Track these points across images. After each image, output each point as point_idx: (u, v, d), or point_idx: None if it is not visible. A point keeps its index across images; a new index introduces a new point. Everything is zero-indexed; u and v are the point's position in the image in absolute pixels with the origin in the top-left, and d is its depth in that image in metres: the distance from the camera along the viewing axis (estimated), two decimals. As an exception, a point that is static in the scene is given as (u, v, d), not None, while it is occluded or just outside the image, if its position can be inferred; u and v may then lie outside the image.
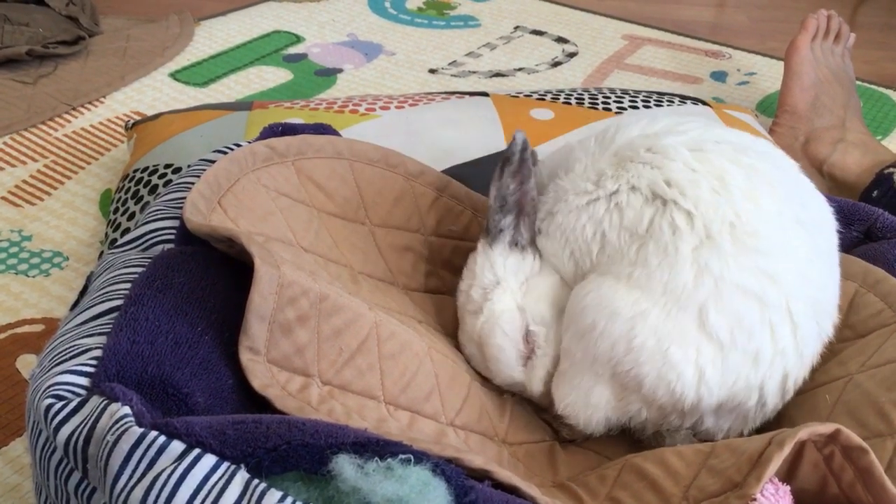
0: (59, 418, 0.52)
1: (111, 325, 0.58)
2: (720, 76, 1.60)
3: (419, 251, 0.82)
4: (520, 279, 0.72)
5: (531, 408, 0.76)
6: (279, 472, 0.49)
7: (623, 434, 0.72)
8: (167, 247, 0.69)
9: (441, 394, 0.68)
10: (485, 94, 1.17)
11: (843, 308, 0.74)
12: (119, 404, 0.51)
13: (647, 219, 0.66)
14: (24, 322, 0.96)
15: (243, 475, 0.48)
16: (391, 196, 0.82)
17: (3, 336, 0.94)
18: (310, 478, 0.49)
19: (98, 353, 0.56)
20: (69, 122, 1.32)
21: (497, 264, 0.72)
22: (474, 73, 1.55)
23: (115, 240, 0.97)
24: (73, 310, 0.66)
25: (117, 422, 0.50)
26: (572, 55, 1.64)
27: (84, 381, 0.54)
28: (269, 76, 1.49)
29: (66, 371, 0.55)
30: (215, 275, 0.64)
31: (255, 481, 0.48)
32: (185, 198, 0.68)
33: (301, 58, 1.56)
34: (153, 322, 0.58)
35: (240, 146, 0.80)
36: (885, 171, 1.15)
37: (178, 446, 0.49)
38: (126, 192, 1.03)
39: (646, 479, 0.60)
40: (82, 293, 0.69)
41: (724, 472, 0.56)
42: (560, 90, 1.22)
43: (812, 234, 0.67)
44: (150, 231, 0.72)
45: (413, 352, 0.67)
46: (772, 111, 1.42)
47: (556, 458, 0.72)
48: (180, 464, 0.48)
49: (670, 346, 0.64)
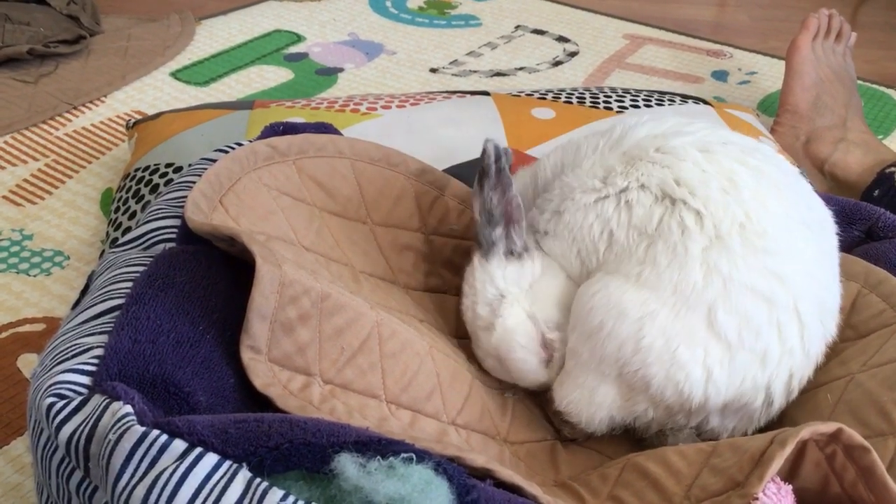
0: (60, 417, 0.52)
1: (113, 324, 0.58)
2: (721, 75, 1.59)
3: (420, 250, 0.82)
4: (523, 287, 0.72)
5: (533, 405, 0.76)
6: (281, 471, 0.49)
7: (625, 433, 0.72)
8: (168, 246, 0.69)
9: (442, 393, 0.67)
10: (486, 94, 1.17)
11: (846, 308, 0.74)
12: (121, 403, 0.51)
13: (657, 218, 0.66)
14: (26, 321, 0.96)
15: (245, 474, 0.48)
16: (392, 195, 0.82)
17: (4, 335, 0.94)
18: (312, 477, 0.49)
19: (100, 351, 0.56)
20: (70, 121, 1.32)
21: (497, 277, 0.71)
22: (475, 72, 1.55)
23: (117, 239, 0.97)
24: (74, 309, 0.66)
25: (119, 421, 0.50)
26: (573, 54, 1.64)
27: (86, 379, 0.54)
28: (270, 75, 1.49)
29: (67, 370, 0.55)
30: (217, 274, 0.64)
31: (257, 480, 0.48)
32: (186, 197, 0.68)
33: (302, 57, 1.56)
34: (155, 321, 0.58)
35: (241, 145, 0.80)
36: (887, 171, 1.15)
37: (179, 445, 0.49)
38: (127, 192, 1.03)
39: (647, 479, 0.60)
40: (83, 292, 0.69)
41: (726, 472, 0.56)
42: (561, 89, 1.22)
43: (816, 235, 0.68)
44: (152, 230, 0.72)
45: (414, 351, 0.67)
46: (773, 110, 1.41)
47: (557, 457, 0.72)
48: (182, 463, 0.48)
49: (679, 347, 0.63)
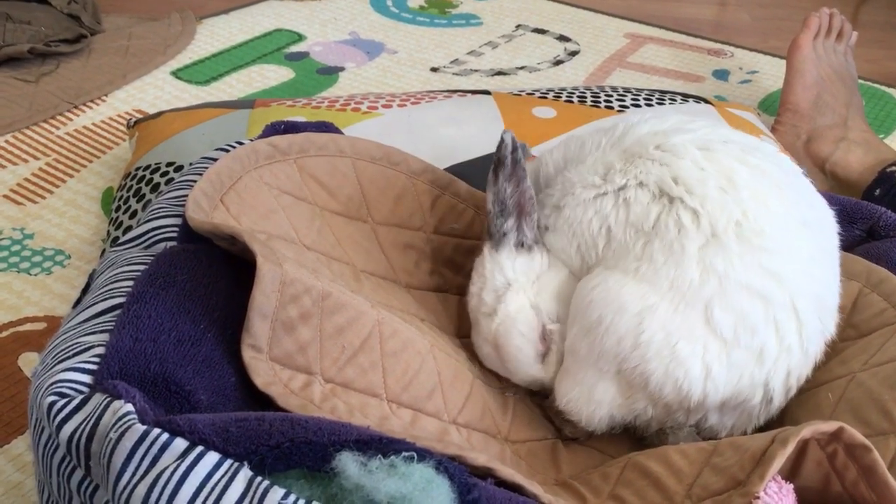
0: (61, 416, 0.52)
1: (114, 323, 0.58)
2: (722, 74, 1.59)
3: (421, 249, 0.82)
4: (531, 277, 0.72)
5: (534, 405, 0.76)
6: (282, 470, 0.48)
7: (626, 432, 0.72)
8: (170, 244, 0.69)
9: (443, 392, 0.67)
10: (487, 93, 1.17)
11: (847, 307, 0.74)
12: (122, 402, 0.51)
13: (654, 216, 0.66)
14: (27, 320, 0.96)
15: (246, 473, 0.48)
16: (393, 194, 0.82)
17: (5, 334, 0.94)
18: (313, 475, 0.48)
19: (101, 350, 0.56)
20: (71, 120, 1.32)
21: (506, 267, 0.72)
22: (476, 71, 1.55)
23: (117, 238, 0.97)
24: (75, 307, 0.66)
25: (120, 419, 0.50)
26: (574, 53, 1.64)
27: (87, 378, 0.54)
28: (271, 74, 1.49)
29: (68, 368, 0.55)
30: (218, 272, 0.64)
31: (258, 479, 0.48)
32: (187, 195, 0.68)
33: (303, 56, 1.56)
34: (156, 320, 0.58)
35: (242, 144, 0.80)
36: (888, 170, 1.15)
37: (180, 444, 0.49)
38: (128, 191, 1.03)
39: (649, 477, 0.60)
40: (84, 291, 0.69)
41: (727, 470, 0.56)
42: (562, 88, 1.22)
43: (816, 234, 0.68)
44: (153, 229, 0.72)
45: (415, 350, 0.67)
46: (774, 110, 1.41)
47: (558, 456, 0.72)
48: (183, 461, 0.48)
49: (679, 342, 0.64)
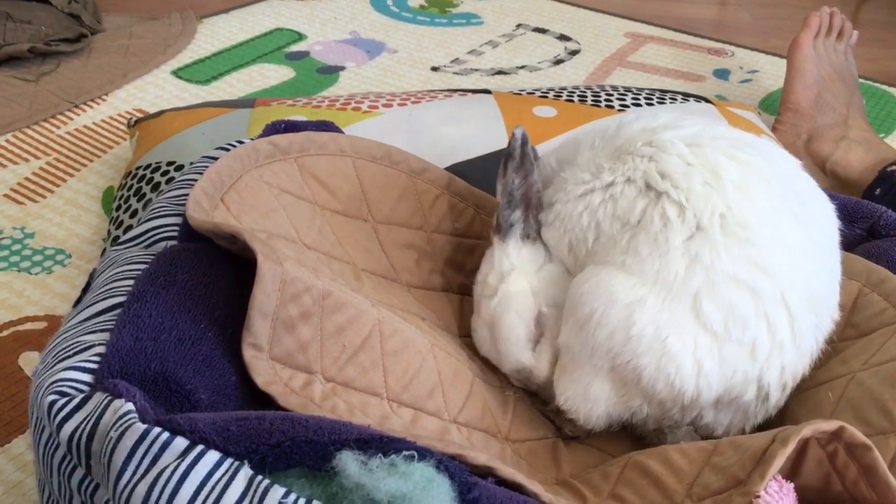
0: (62, 415, 0.52)
1: (114, 322, 0.58)
2: (723, 74, 1.59)
3: (422, 248, 0.82)
4: (535, 266, 0.74)
5: (534, 404, 0.76)
6: (283, 469, 0.48)
7: (626, 431, 0.72)
8: (170, 244, 0.69)
9: (444, 391, 0.67)
10: (487, 92, 1.17)
11: (847, 307, 0.74)
12: (122, 401, 0.51)
13: (640, 209, 0.67)
14: (27, 319, 0.96)
15: (247, 472, 0.48)
16: (394, 193, 0.82)
17: (5, 333, 0.94)
18: (313, 474, 0.48)
19: (101, 349, 0.56)
20: (71, 119, 1.32)
21: (513, 255, 0.74)
22: (476, 70, 1.55)
23: (118, 237, 0.98)
24: (75, 307, 0.66)
25: (120, 418, 0.50)
26: (575, 53, 1.64)
27: (87, 377, 0.54)
28: (272, 74, 1.49)
29: (69, 367, 0.55)
30: (218, 271, 0.64)
31: (259, 478, 0.48)
32: (187, 195, 0.68)
33: (303, 55, 1.56)
34: (156, 319, 0.58)
35: (242, 143, 0.80)
36: (889, 169, 1.15)
37: (181, 443, 0.49)
38: (128, 190, 1.03)
39: (649, 477, 0.60)
40: (85, 290, 0.69)
41: (727, 470, 0.56)
42: (563, 88, 1.22)
43: (808, 229, 0.67)
44: (153, 228, 0.72)
45: (416, 349, 0.67)
46: (774, 109, 1.41)
47: (559, 455, 0.72)
48: (184, 460, 0.48)
49: (669, 336, 0.64)
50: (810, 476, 0.57)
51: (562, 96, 1.18)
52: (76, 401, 0.53)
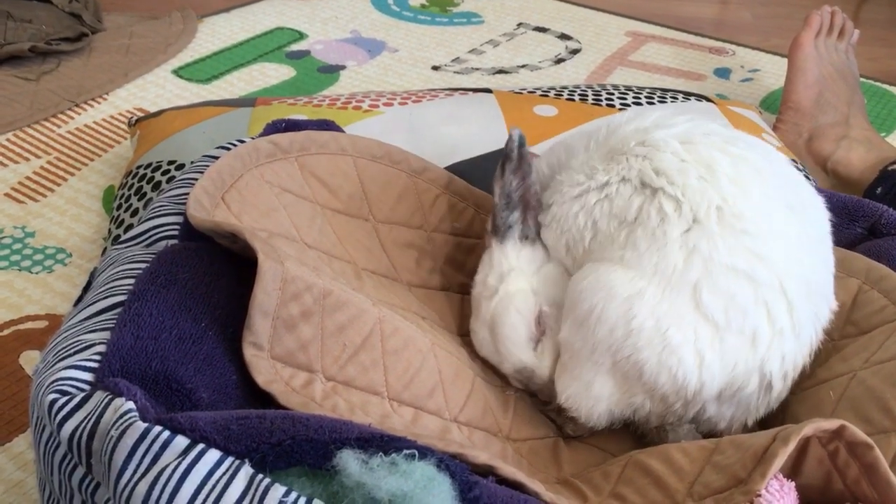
0: (62, 413, 0.52)
1: (115, 321, 0.58)
2: (724, 73, 1.59)
3: (422, 247, 0.82)
4: (534, 267, 0.74)
5: (534, 403, 0.76)
6: (283, 468, 0.48)
7: (627, 430, 0.72)
8: (171, 242, 0.69)
9: (445, 390, 0.67)
10: (488, 91, 1.17)
11: (847, 305, 0.74)
12: (123, 399, 0.51)
13: (636, 207, 0.67)
14: (28, 318, 0.96)
15: (247, 470, 0.48)
16: (395, 192, 0.81)
17: (6, 332, 0.94)
18: (314, 473, 0.48)
19: (102, 348, 0.56)
20: (72, 118, 1.32)
21: (511, 256, 0.74)
22: (477, 69, 1.55)
23: (119, 236, 0.98)
24: (76, 305, 0.66)
25: (121, 417, 0.50)
26: (575, 52, 1.64)
27: (88, 376, 0.54)
28: (272, 73, 1.49)
29: (69, 366, 0.55)
30: (219, 270, 0.64)
31: (259, 476, 0.48)
32: (188, 194, 0.68)
33: (304, 54, 1.56)
34: (157, 318, 0.58)
35: (243, 142, 0.80)
36: (889, 168, 1.15)
37: (182, 441, 0.49)
38: (129, 189, 1.03)
39: (650, 476, 0.60)
40: (86, 289, 0.69)
41: (728, 469, 0.56)
42: (564, 87, 1.22)
43: (803, 220, 0.68)
44: (154, 227, 0.72)
45: (416, 348, 0.66)
46: (775, 108, 1.41)
47: (559, 454, 0.72)
48: (184, 459, 0.48)
49: (669, 328, 0.64)
50: (811, 475, 0.57)
51: (563, 95, 1.18)
52: (77, 399, 0.53)
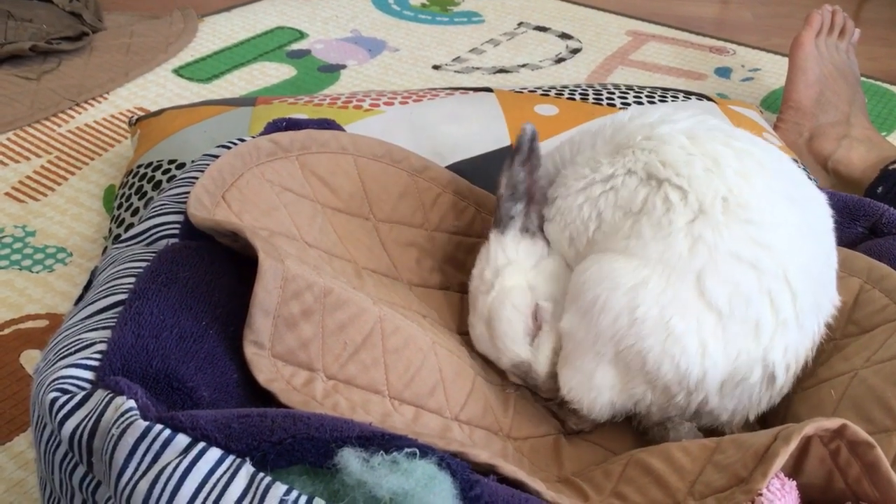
0: (63, 412, 0.52)
1: (116, 320, 0.58)
2: (724, 72, 1.59)
3: (423, 247, 0.82)
4: (531, 261, 0.74)
5: (535, 400, 0.75)
6: (284, 466, 0.48)
7: (628, 429, 0.72)
8: (172, 241, 0.69)
9: (445, 388, 0.67)
10: (489, 90, 1.17)
11: (849, 304, 0.74)
12: (124, 398, 0.51)
13: (642, 197, 0.68)
14: (28, 318, 0.96)
15: (248, 468, 0.48)
16: (395, 191, 0.81)
17: (6, 331, 0.94)
18: (315, 471, 0.48)
19: (103, 347, 0.56)
20: (73, 117, 1.32)
21: (509, 249, 0.74)
22: (478, 69, 1.55)
23: (119, 235, 0.97)
24: (77, 304, 0.66)
25: (122, 415, 0.50)
26: (576, 51, 1.64)
27: (89, 374, 0.54)
28: (273, 72, 1.49)
29: (70, 365, 0.55)
30: (220, 269, 0.64)
31: (261, 475, 0.48)
32: (189, 192, 0.68)
33: (304, 54, 1.56)
34: (158, 316, 0.58)
35: (244, 141, 0.80)
36: (891, 167, 1.15)
37: (183, 440, 0.49)
38: (130, 188, 1.03)
39: (651, 474, 0.60)
40: (87, 288, 0.69)
41: (729, 468, 0.56)
42: (564, 86, 1.22)
43: (804, 211, 0.69)
44: (155, 226, 0.72)
45: (417, 346, 0.66)
46: (776, 107, 1.41)
47: (560, 452, 0.72)
48: (185, 457, 0.48)
49: (673, 317, 0.64)
50: (813, 474, 0.57)
51: (563, 94, 1.18)
52: (78, 398, 0.53)
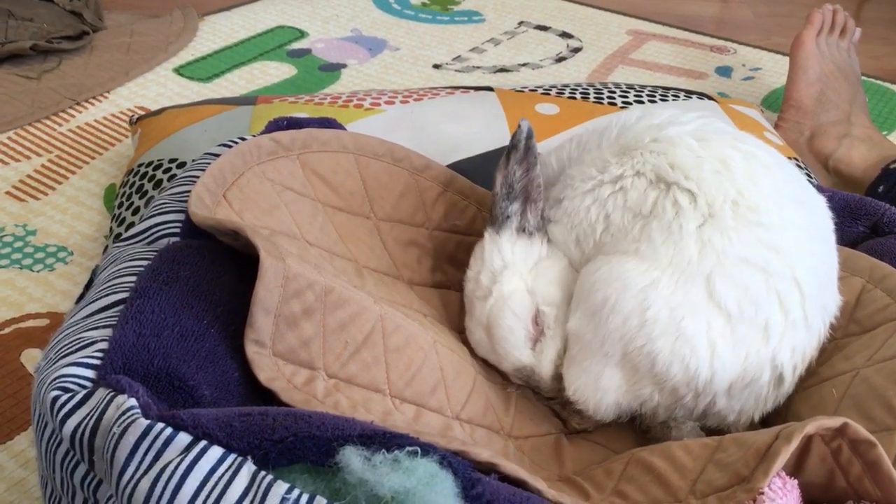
0: (65, 410, 0.52)
1: (117, 318, 0.58)
2: (725, 71, 1.59)
3: (424, 245, 0.82)
4: (528, 263, 0.73)
5: (537, 399, 0.75)
6: (286, 464, 0.48)
7: (630, 428, 0.72)
8: (173, 240, 0.69)
9: (446, 387, 0.67)
10: (489, 89, 1.17)
11: (850, 304, 0.74)
12: (125, 396, 0.51)
13: (651, 200, 0.68)
14: (29, 317, 0.96)
15: (250, 467, 0.48)
16: (396, 190, 0.81)
17: (7, 330, 0.94)
18: (316, 470, 0.48)
19: (104, 345, 0.56)
20: (73, 117, 1.32)
21: (505, 250, 0.73)
22: (478, 68, 1.55)
23: (120, 234, 0.97)
24: (78, 303, 0.66)
25: (123, 413, 0.50)
26: (577, 50, 1.64)
27: (90, 373, 0.54)
28: (273, 71, 1.49)
29: (71, 363, 0.55)
30: (221, 268, 0.64)
31: (262, 473, 0.48)
32: (189, 191, 0.68)
33: (305, 53, 1.56)
34: (159, 315, 0.58)
35: (244, 140, 0.80)
36: (891, 166, 1.15)
37: (184, 438, 0.49)
38: (130, 187, 1.03)
39: (652, 473, 0.60)
40: (87, 287, 0.69)
41: (731, 466, 0.56)
42: (565, 85, 1.22)
43: (811, 212, 0.69)
44: (156, 224, 0.72)
45: (418, 345, 0.66)
46: (777, 106, 1.41)
47: (561, 451, 0.72)
48: (187, 455, 0.48)
49: (684, 318, 0.64)
50: (814, 472, 0.57)
51: (564, 94, 1.18)
52: (79, 397, 0.52)
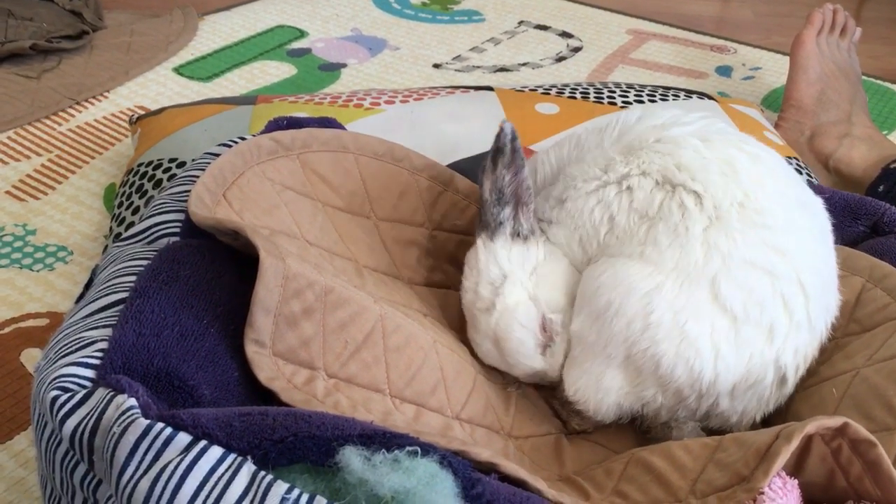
0: (64, 410, 0.52)
1: (117, 318, 0.58)
2: (725, 71, 1.59)
3: (424, 245, 0.82)
4: (527, 270, 0.72)
5: (538, 399, 0.75)
6: (286, 464, 0.48)
7: (630, 427, 0.72)
8: (172, 240, 0.69)
9: (446, 387, 0.67)
10: (489, 89, 1.17)
11: (850, 303, 0.74)
12: (125, 396, 0.51)
13: (658, 201, 0.67)
14: (29, 316, 0.96)
15: (250, 467, 0.48)
16: (396, 190, 0.81)
17: (7, 330, 0.94)
18: (316, 470, 0.48)
19: (104, 345, 0.56)
20: (73, 116, 1.32)
21: (501, 258, 0.71)
22: (478, 67, 1.55)
23: (120, 234, 0.97)
24: (78, 303, 0.66)
25: (123, 413, 0.50)
26: (577, 50, 1.64)
27: (90, 373, 0.54)
28: (273, 71, 1.49)
29: (71, 363, 0.55)
30: (221, 267, 0.64)
31: (262, 473, 0.48)
32: (189, 191, 0.68)
33: (305, 52, 1.56)
34: (159, 314, 0.58)
35: (244, 139, 0.80)
36: (892, 166, 1.15)
37: (184, 438, 0.49)
38: (130, 187, 1.03)
39: (652, 473, 0.60)
40: (87, 286, 0.69)
41: (731, 466, 0.56)
42: (565, 85, 1.22)
43: (814, 216, 0.70)
44: (156, 224, 0.72)
45: (418, 345, 0.66)
46: (777, 106, 1.41)
47: (562, 451, 0.72)
48: (187, 455, 0.48)
49: (688, 321, 0.64)
50: (814, 472, 0.57)
51: (564, 93, 1.18)
52: (79, 396, 0.52)
